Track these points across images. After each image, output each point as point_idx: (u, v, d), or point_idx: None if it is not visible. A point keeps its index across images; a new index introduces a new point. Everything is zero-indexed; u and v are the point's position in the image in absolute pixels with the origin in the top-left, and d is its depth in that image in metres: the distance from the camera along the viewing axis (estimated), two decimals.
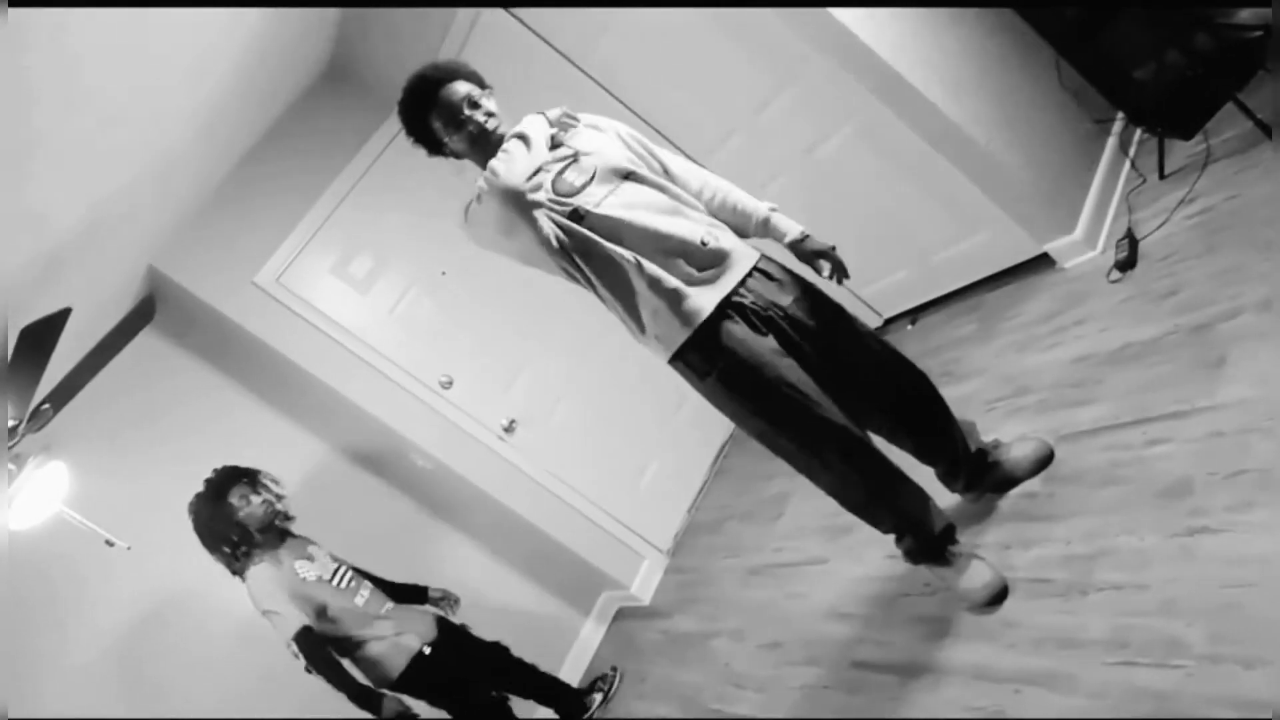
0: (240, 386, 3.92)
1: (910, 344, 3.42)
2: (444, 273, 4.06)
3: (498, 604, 4.15)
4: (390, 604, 3.22)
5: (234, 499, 3.08)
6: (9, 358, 1.98)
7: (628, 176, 2.00)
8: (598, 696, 3.58)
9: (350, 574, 3.19)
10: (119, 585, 3.13)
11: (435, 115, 2.04)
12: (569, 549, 4.02)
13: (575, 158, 2.00)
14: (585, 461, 4.10)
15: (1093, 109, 2.90)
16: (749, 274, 2.00)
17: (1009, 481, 2.26)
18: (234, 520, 3.05)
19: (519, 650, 3.95)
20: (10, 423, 2.19)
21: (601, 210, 1.94)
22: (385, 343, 3.91)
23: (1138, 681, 1.62)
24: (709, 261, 1.97)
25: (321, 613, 3.01)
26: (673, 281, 1.93)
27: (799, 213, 3.37)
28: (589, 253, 1.95)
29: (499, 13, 3.35)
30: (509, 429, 3.98)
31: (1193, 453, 1.87)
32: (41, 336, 2.00)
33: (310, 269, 3.90)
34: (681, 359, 1.99)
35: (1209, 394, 1.94)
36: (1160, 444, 1.97)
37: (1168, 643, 1.62)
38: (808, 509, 3.22)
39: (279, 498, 3.23)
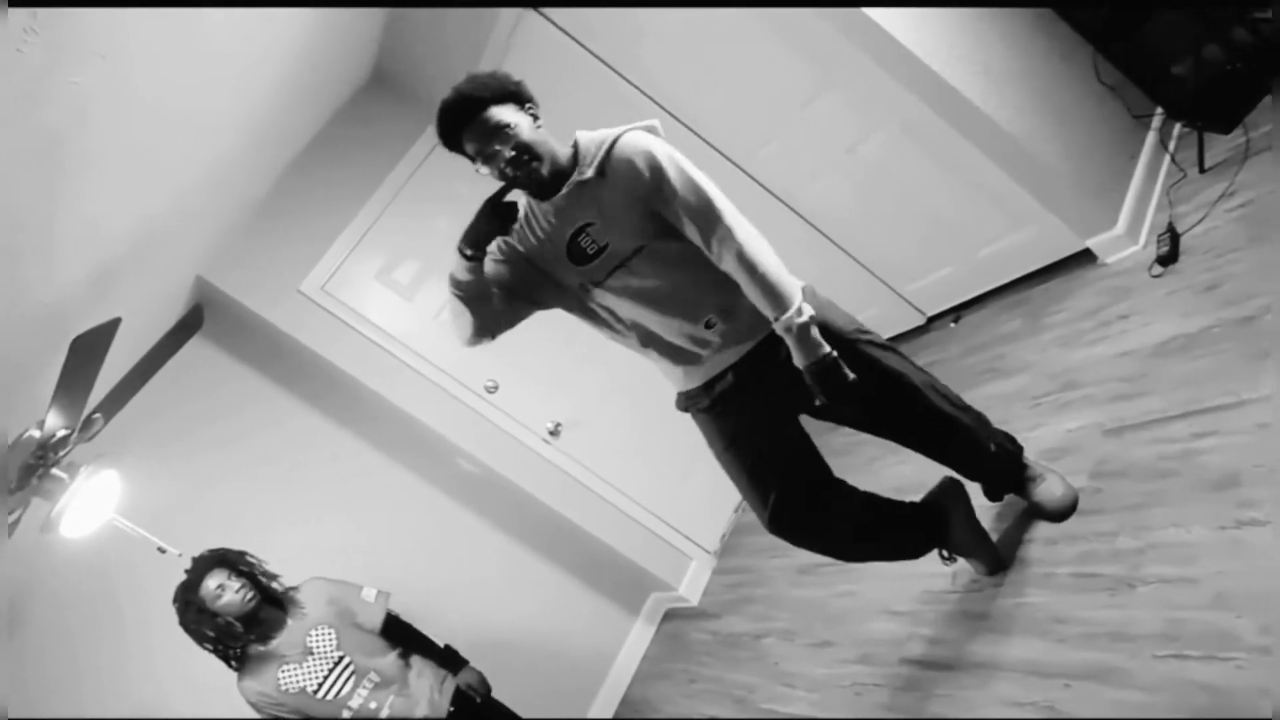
0: (288, 393, 4.03)
1: (954, 342, 3.43)
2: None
3: (546, 606, 4.22)
4: (393, 699, 2.90)
5: (208, 589, 2.78)
6: (62, 369, 2.05)
7: (637, 251, 1.91)
8: None
9: (348, 672, 2.89)
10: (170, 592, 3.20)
11: (467, 143, 1.88)
12: (616, 551, 4.07)
13: (585, 227, 1.91)
14: (631, 464, 4.15)
15: (1132, 104, 2.89)
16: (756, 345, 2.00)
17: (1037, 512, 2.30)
18: (209, 611, 2.78)
19: (568, 657, 4.03)
20: (62, 432, 2.25)
21: (608, 288, 1.96)
22: (431, 348, 3.99)
23: (1190, 674, 1.63)
24: (714, 338, 1.99)
25: None
26: (668, 368, 2.07)
27: (842, 211, 3.44)
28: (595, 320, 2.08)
29: (539, 19, 3.41)
30: (554, 433, 4.05)
31: (1240, 445, 1.87)
32: (92, 346, 2.04)
33: (356, 276, 3.98)
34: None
35: (1254, 386, 1.93)
36: (1207, 437, 1.97)
37: (1219, 635, 1.62)
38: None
39: (270, 576, 2.96)
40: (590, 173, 1.89)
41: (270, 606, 2.91)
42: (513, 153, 1.83)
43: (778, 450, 2.05)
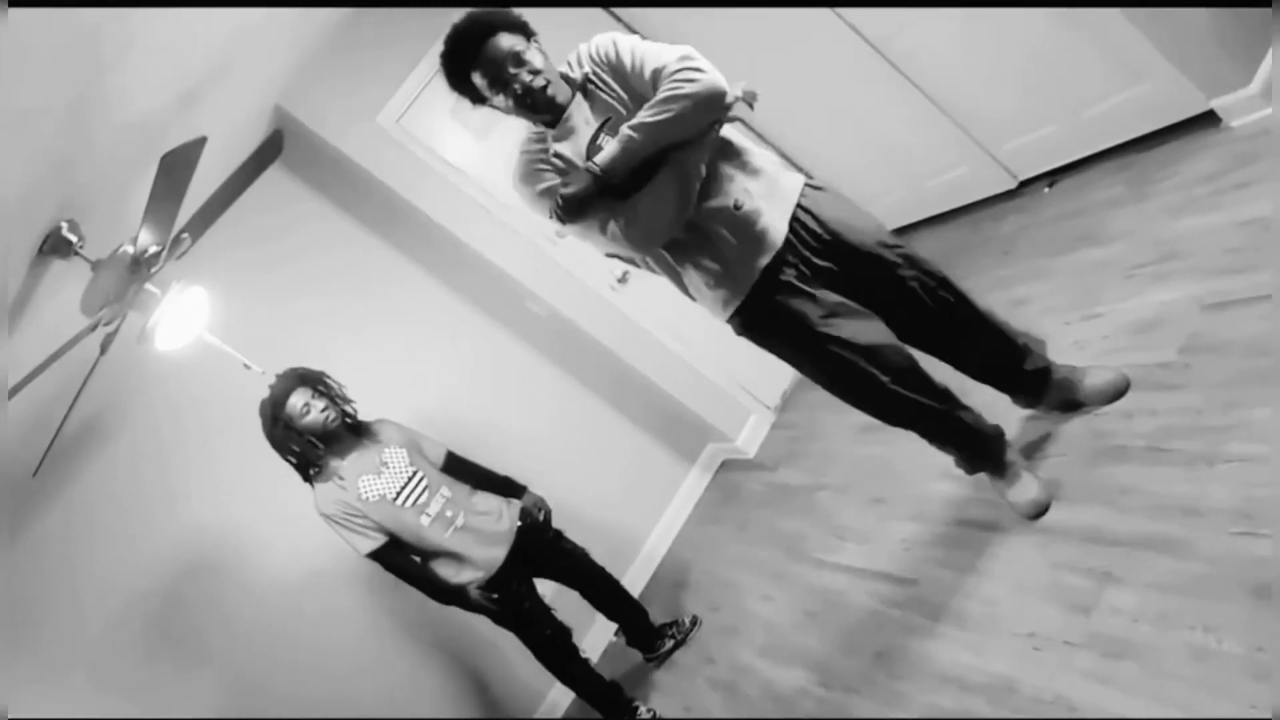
0: (363, 225, 4.07)
1: (1047, 207, 3.24)
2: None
3: (605, 449, 4.31)
4: (465, 512, 3.04)
5: (294, 406, 2.92)
6: (151, 187, 2.07)
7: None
8: (668, 642, 3.39)
9: (423, 484, 3.02)
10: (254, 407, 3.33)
11: (478, 72, 1.93)
12: (677, 400, 4.10)
13: (603, 127, 1.96)
14: (696, 316, 4.07)
15: None
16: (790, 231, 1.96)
17: (1075, 405, 2.21)
18: (294, 429, 2.93)
19: (624, 498, 4.13)
20: (154, 248, 2.30)
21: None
22: (504, 189, 3.93)
23: (1257, 552, 1.57)
24: (747, 224, 1.94)
25: (386, 532, 2.96)
26: (702, 276, 2.01)
27: (938, 60, 3.20)
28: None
29: None
30: (623, 280, 4.02)
31: None
32: (180, 164, 2.06)
33: (430, 112, 3.91)
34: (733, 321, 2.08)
35: None
36: None
37: None
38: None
39: (346, 400, 3.09)
40: (580, 75, 1.99)
41: (348, 428, 3.06)
42: (530, 76, 1.91)
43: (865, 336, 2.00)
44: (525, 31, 1.97)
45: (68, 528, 3.48)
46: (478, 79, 1.93)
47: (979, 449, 2.16)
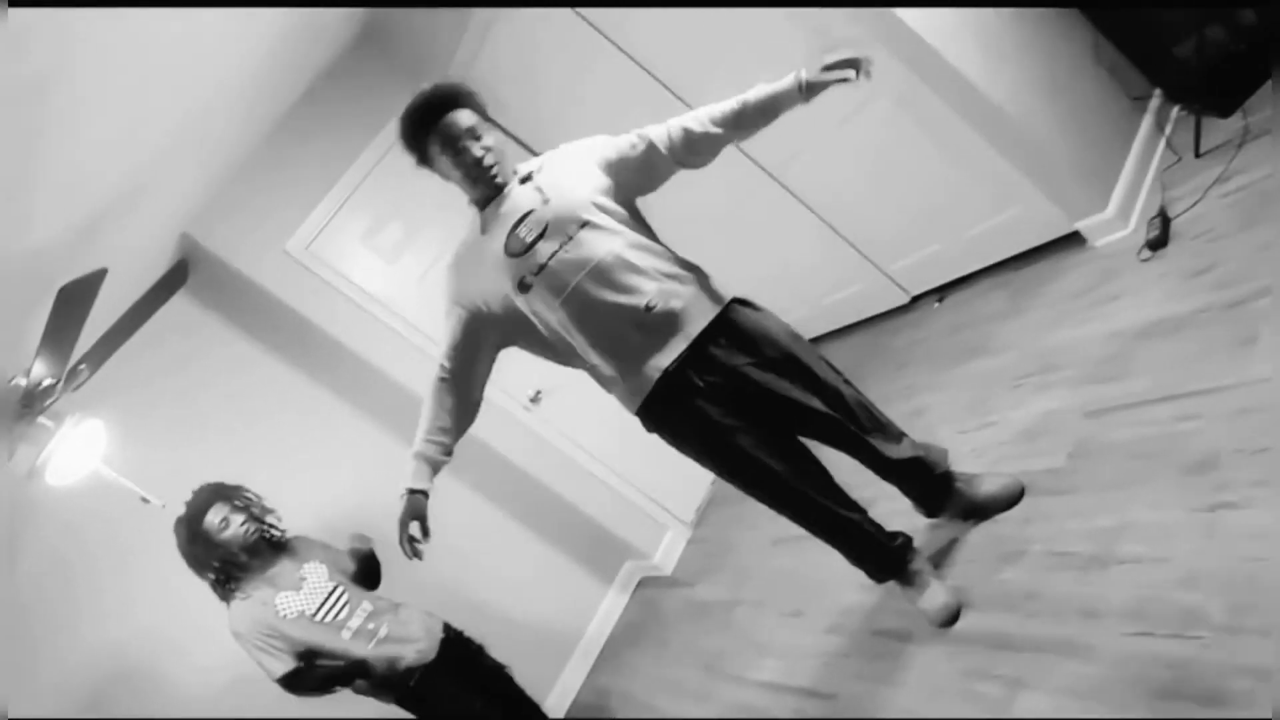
0: (271, 351, 4.00)
1: (937, 321, 3.43)
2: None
3: (521, 571, 4.22)
4: (388, 624, 2.95)
5: (211, 522, 2.85)
6: (48, 318, 2.03)
7: (584, 225, 2.00)
8: None
9: (343, 598, 2.93)
10: (151, 543, 3.16)
11: (434, 139, 2.04)
12: (593, 519, 4.08)
13: (528, 214, 2.03)
14: (610, 433, 4.12)
15: (1129, 86, 2.87)
16: (701, 335, 2.03)
17: (976, 511, 2.29)
18: (214, 543, 2.84)
19: (542, 619, 4.02)
20: (48, 381, 2.24)
21: (544, 280, 2.00)
22: (413, 311, 3.96)
23: (1155, 651, 1.64)
24: (657, 325, 2.00)
25: (304, 652, 2.81)
26: (608, 370, 2.06)
27: (830, 186, 3.41)
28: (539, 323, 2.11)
29: None
30: (535, 399, 4.03)
31: (1221, 429, 1.88)
32: (78, 296, 2.04)
33: (340, 237, 3.95)
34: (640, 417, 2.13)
35: (1239, 371, 1.94)
36: (1189, 420, 1.97)
37: (1186, 614, 1.64)
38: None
39: (265, 511, 3.03)
40: (528, 168, 2.10)
41: (267, 544, 2.97)
42: (482, 152, 2.03)
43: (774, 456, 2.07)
44: (478, 107, 2.08)
45: None
46: (433, 142, 2.03)
47: (886, 558, 2.21)
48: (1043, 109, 2.70)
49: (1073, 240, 2.91)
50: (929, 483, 2.24)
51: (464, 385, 2.23)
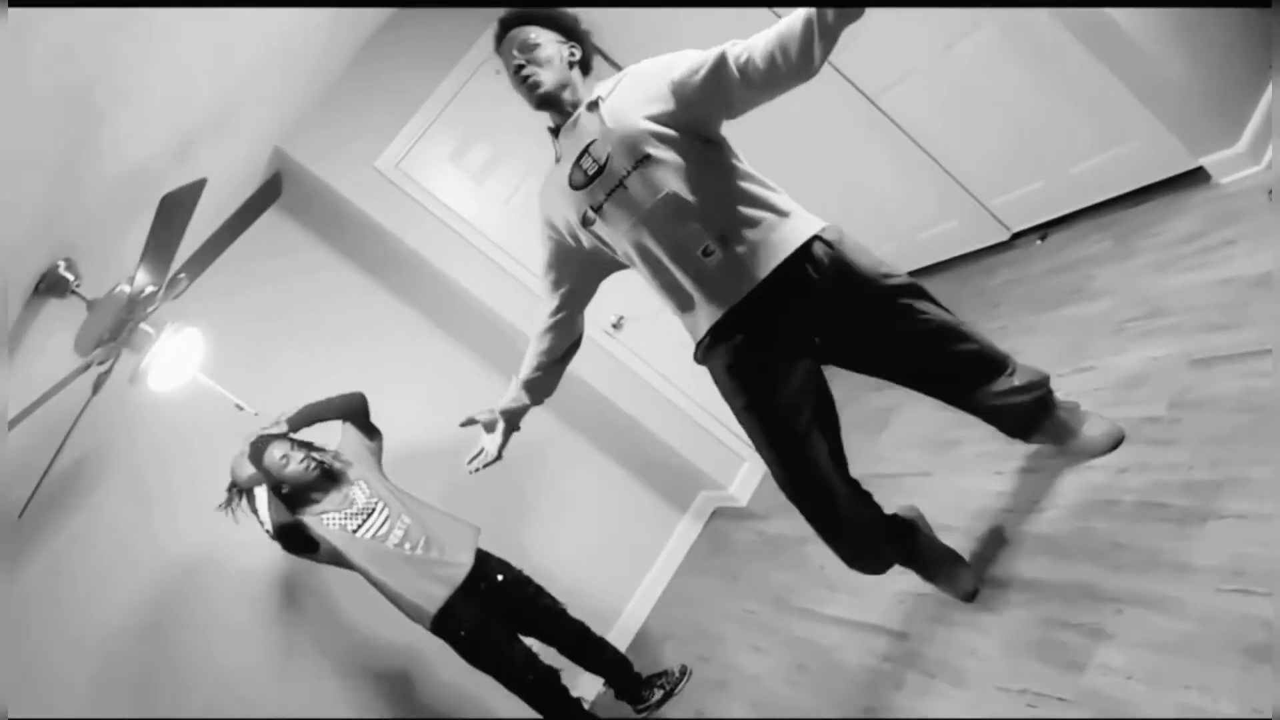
0: (359, 267, 4.11)
1: (1038, 261, 3.27)
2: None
3: (596, 495, 4.29)
4: (425, 538, 3.11)
5: (274, 457, 3.05)
6: (151, 227, 2.09)
7: (638, 163, 1.87)
8: (658, 693, 3.33)
9: (385, 514, 3.10)
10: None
11: (499, 42, 2.04)
12: (671, 447, 4.09)
13: (590, 144, 1.93)
14: (690, 363, 4.11)
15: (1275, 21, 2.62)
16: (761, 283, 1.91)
17: (1073, 451, 2.21)
18: (277, 479, 3.05)
19: (615, 545, 4.07)
20: (150, 289, 2.32)
21: (605, 217, 1.94)
22: (499, 232, 3.98)
23: (1249, 610, 1.56)
24: (714, 274, 1.90)
25: (339, 559, 3.06)
26: (671, 306, 2.03)
27: (931, 114, 3.26)
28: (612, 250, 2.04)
29: None
30: (617, 325, 4.03)
31: None
32: (180, 205, 2.08)
33: (429, 156, 3.97)
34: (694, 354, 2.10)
35: None
36: None
37: None
38: (913, 421, 3.17)
39: (322, 450, 3.21)
40: (594, 95, 1.97)
41: (325, 474, 3.15)
42: (531, 69, 1.95)
43: (794, 439, 2.02)
44: (560, 26, 2.03)
45: (55, 568, 3.44)
46: (502, 54, 2.02)
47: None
48: (1172, 29, 2.48)
49: (1196, 177, 2.71)
50: (1029, 407, 2.11)
51: (565, 314, 2.23)
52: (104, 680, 3.45)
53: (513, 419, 2.36)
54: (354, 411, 3.40)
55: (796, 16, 1.69)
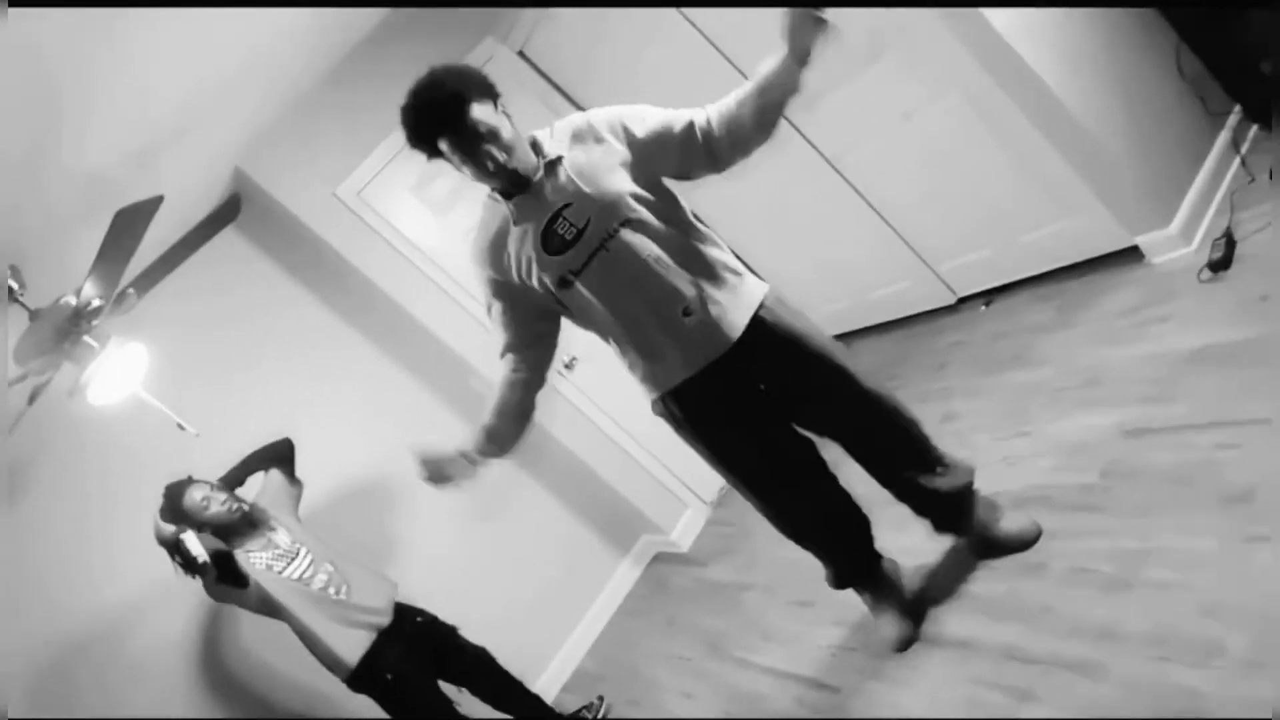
0: (313, 293, 4.05)
1: (982, 325, 3.37)
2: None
3: (537, 533, 4.25)
4: (347, 585, 3.04)
5: (194, 502, 2.95)
6: (103, 240, 2.06)
7: (623, 225, 1.88)
8: None
9: (308, 559, 3.04)
10: (184, 468, 3.25)
11: (447, 141, 1.83)
12: (615, 489, 4.09)
13: (565, 207, 1.88)
14: (640, 407, 4.11)
15: (1209, 100, 2.78)
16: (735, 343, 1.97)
17: (991, 547, 2.24)
18: (198, 522, 2.94)
19: (555, 584, 4.04)
20: (97, 301, 2.27)
21: (585, 280, 1.91)
22: (456, 267, 3.97)
23: (1171, 678, 1.61)
24: (690, 332, 1.95)
25: (267, 606, 2.96)
26: (635, 362, 2.05)
27: (887, 179, 3.36)
28: (575, 310, 2.02)
29: None
30: (569, 365, 4.04)
31: (1262, 462, 1.83)
32: (134, 220, 2.05)
33: (391, 186, 3.94)
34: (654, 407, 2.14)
35: None
36: (1229, 449, 1.92)
37: (1207, 644, 1.60)
38: (853, 475, 3.21)
39: (236, 496, 3.12)
40: (557, 152, 1.90)
41: (245, 517, 3.05)
42: (503, 155, 1.83)
43: (773, 466, 2.11)
44: (493, 95, 1.86)
45: None
46: (445, 145, 1.83)
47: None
48: (1115, 117, 2.63)
49: (1130, 255, 2.84)
50: (952, 507, 2.22)
51: (529, 374, 2.15)
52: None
53: (473, 461, 2.20)
54: (281, 459, 3.36)
55: (754, 82, 1.81)
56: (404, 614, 3.15)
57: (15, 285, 2.14)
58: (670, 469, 4.14)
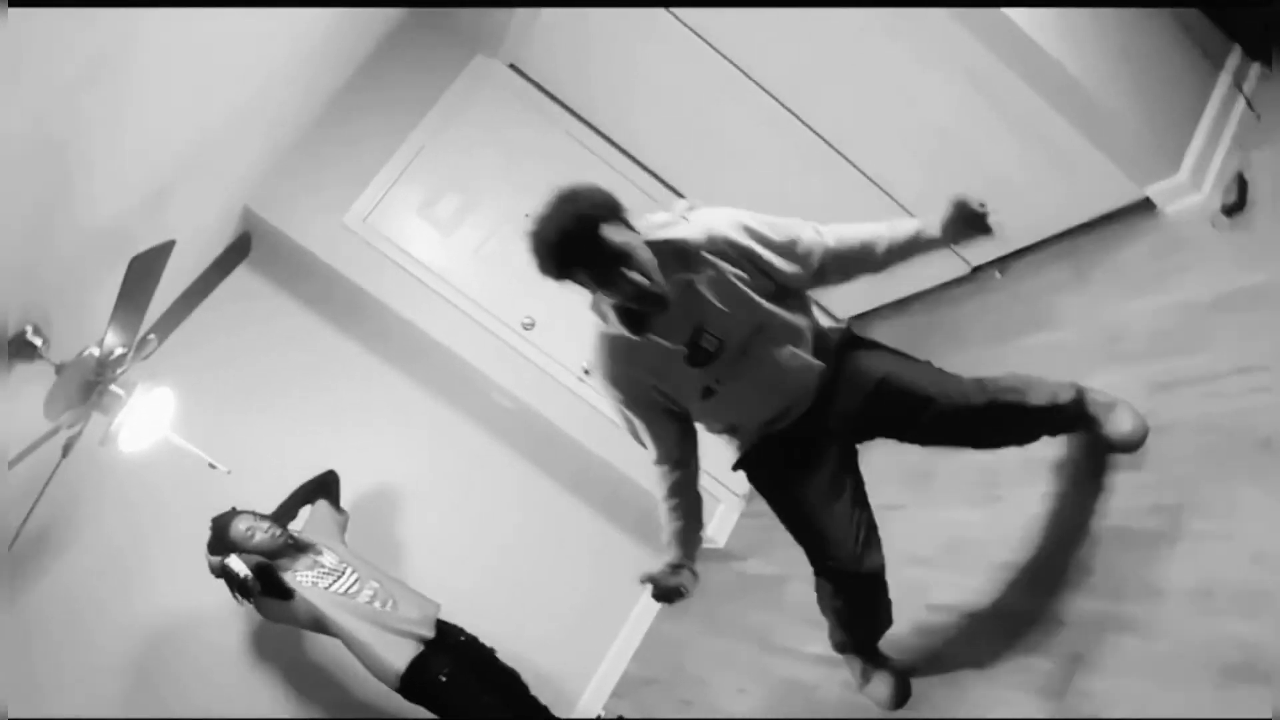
0: (330, 322, 4.08)
1: (999, 293, 3.34)
2: (528, 215, 4.11)
3: (572, 541, 4.26)
4: (392, 600, 3.13)
5: (240, 533, 3.05)
6: (120, 289, 2.08)
7: (760, 331, 1.90)
8: None
9: (354, 577, 3.14)
10: (219, 507, 3.29)
11: (585, 270, 1.76)
12: (645, 490, 4.07)
13: (704, 326, 1.87)
14: None
15: (1207, 43, 2.74)
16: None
17: (1107, 443, 2.19)
18: (246, 552, 3.04)
19: (594, 592, 4.06)
20: (119, 350, 2.30)
21: (725, 388, 1.94)
22: (469, 283, 3.99)
23: (1221, 630, 1.59)
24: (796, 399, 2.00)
25: (317, 621, 3.05)
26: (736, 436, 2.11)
27: (889, 154, 3.34)
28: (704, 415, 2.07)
29: None
30: (589, 370, 4.04)
31: None
32: (149, 266, 2.07)
33: (397, 209, 3.97)
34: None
35: None
36: (1261, 393, 1.90)
37: (1254, 593, 1.58)
38: (885, 458, 3.20)
39: (281, 525, 3.21)
40: (687, 275, 1.84)
41: (291, 544, 3.16)
42: (643, 280, 1.74)
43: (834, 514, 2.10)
44: (619, 214, 1.78)
45: (25, 632, 3.35)
46: (581, 275, 1.77)
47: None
48: (1110, 70, 2.59)
49: (1142, 207, 2.80)
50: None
51: (683, 473, 2.12)
52: None
53: (682, 567, 2.15)
54: (326, 490, 3.48)
55: (889, 237, 1.95)
56: (447, 630, 3.22)
57: (38, 342, 2.17)
58: (701, 465, 4.13)
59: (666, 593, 2.09)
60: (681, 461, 2.08)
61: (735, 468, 2.16)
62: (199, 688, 3.55)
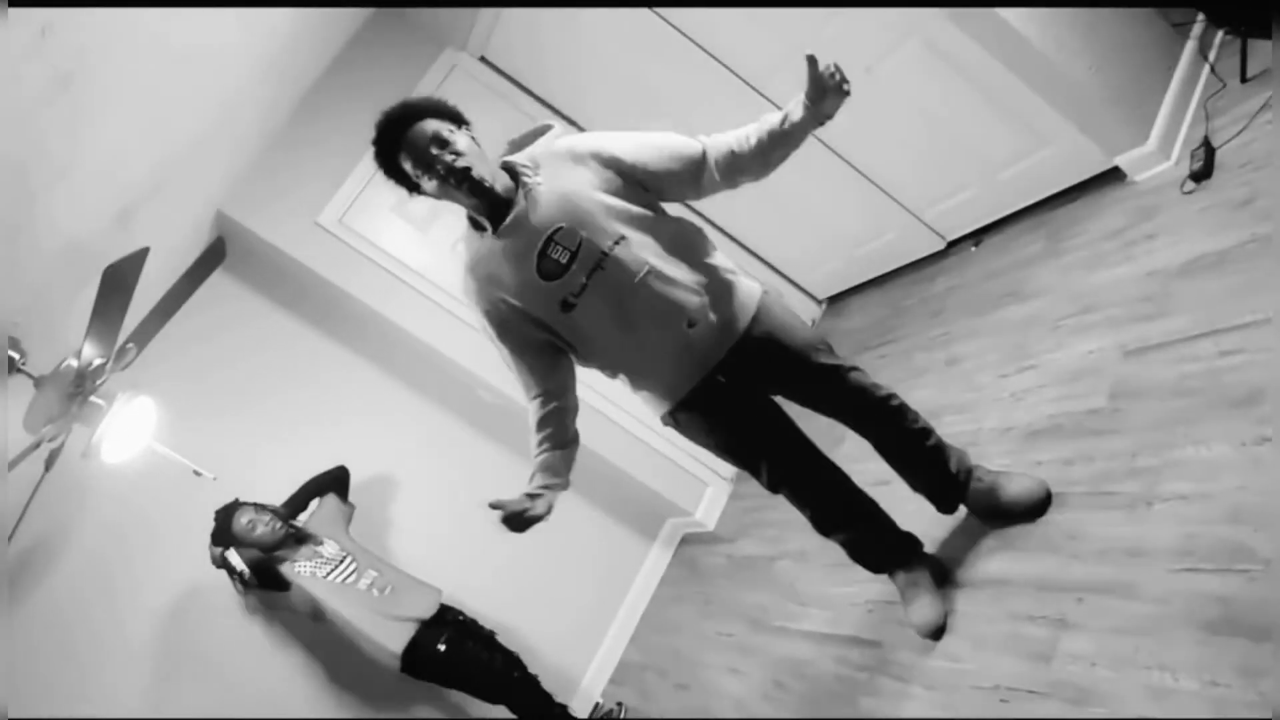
0: (308, 323, 4.08)
1: (974, 266, 3.38)
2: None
3: (564, 531, 4.25)
4: (392, 586, 3.26)
5: (241, 526, 3.17)
6: (95, 299, 2.07)
7: (618, 241, 1.87)
8: None
9: (352, 565, 3.26)
10: (206, 513, 3.29)
11: (404, 156, 1.87)
12: (634, 478, 4.11)
13: (553, 236, 1.86)
14: None
15: (1170, 12, 2.77)
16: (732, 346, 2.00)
17: (998, 514, 2.22)
18: (247, 543, 3.18)
19: (587, 580, 4.11)
20: (98, 361, 2.29)
21: (585, 303, 1.89)
22: (447, 279, 3.98)
23: (1201, 587, 1.63)
24: (696, 340, 1.96)
25: (315, 609, 3.21)
26: (647, 387, 2.08)
27: (859, 134, 3.36)
28: (579, 343, 2.01)
29: None
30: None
31: (1266, 362, 1.84)
32: (124, 275, 2.06)
33: (372, 208, 3.97)
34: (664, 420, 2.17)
35: None
36: (1232, 355, 1.93)
37: (1233, 549, 1.62)
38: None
39: (281, 516, 3.31)
40: (539, 176, 1.89)
41: (293, 535, 3.28)
42: (452, 157, 1.82)
43: (758, 426, 2.14)
44: (455, 118, 1.91)
45: (16, 649, 3.33)
46: (404, 163, 1.88)
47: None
48: (1076, 41, 2.62)
49: (1112, 177, 2.84)
50: (946, 479, 2.23)
51: (557, 403, 2.10)
52: None
53: (538, 496, 2.14)
54: (336, 484, 3.59)
55: (766, 130, 1.89)
56: (446, 609, 3.35)
57: (16, 355, 2.15)
58: (685, 449, 4.16)
59: (517, 520, 2.04)
60: (553, 393, 2.07)
61: (667, 421, 2.16)
62: (194, 688, 3.55)
